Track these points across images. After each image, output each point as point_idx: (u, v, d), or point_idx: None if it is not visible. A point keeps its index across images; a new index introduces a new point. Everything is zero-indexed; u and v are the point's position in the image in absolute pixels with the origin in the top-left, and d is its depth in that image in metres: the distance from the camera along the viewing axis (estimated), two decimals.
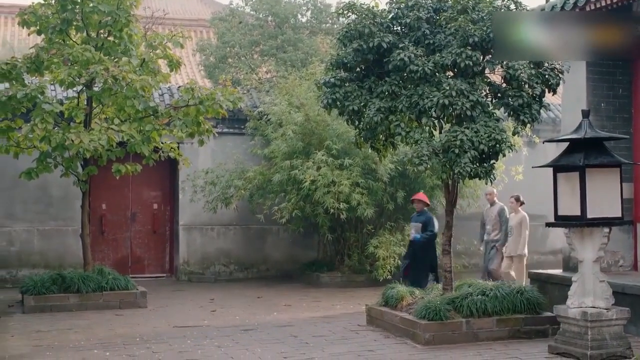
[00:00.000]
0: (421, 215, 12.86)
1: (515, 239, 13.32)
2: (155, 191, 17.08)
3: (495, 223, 13.53)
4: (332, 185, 14.16)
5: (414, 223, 12.86)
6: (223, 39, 18.73)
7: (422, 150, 9.19)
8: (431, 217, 12.92)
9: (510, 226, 13.35)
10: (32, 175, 12.50)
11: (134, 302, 12.52)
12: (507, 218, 13.42)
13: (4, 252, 15.57)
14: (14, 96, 11.88)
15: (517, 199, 13.64)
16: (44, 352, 9.07)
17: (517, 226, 13.32)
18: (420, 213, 12.91)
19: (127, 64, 12.14)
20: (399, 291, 10.44)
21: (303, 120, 14.86)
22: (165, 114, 12.69)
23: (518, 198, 13.67)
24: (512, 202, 13.66)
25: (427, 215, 12.86)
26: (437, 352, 8.84)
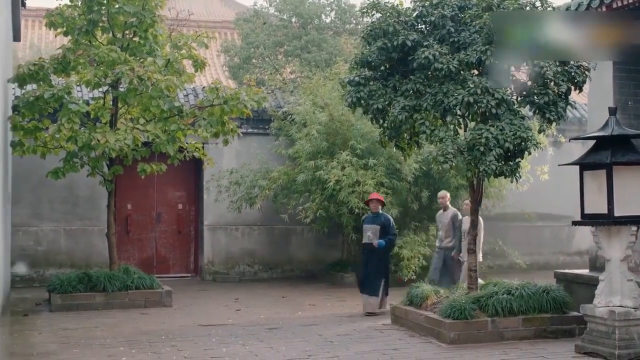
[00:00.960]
0: (378, 217, 11.92)
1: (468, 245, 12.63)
2: (180, 191, 17.16)
3: (449, 229, 12.75)
4: (356, 185, 14.14)
5: (370, 225, 11.85)
6: (247, 40, 18.79)
7: (447, 149, 9.15)
8: (390, 219, 12.08)
9: (464, 230, 12.24)
10: (59, 174, 12.62)
11: (159, 301, 12.58)
12: (460, 224, 12.58)
13: (31, 251, 15.72)
14: (41, 96, 12.02)
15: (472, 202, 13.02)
16: (71, 349, 9.14)
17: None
18: (376, 214, 11.94)
19: (152, 64, 12.22)
20: (423, 290, 10.41)
21: (327, 120, 14.86)
22: (190, 114, 12.75)
23: None
24: (466, 204, 12.53)
25: (385, 217, 11.99)
26: (462, 351, 8.80)
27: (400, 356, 8.63)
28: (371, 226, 11.81)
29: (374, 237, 11.72)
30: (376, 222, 11.82)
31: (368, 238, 11.81)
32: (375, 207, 11.98)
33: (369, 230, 11.82)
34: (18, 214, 15.44)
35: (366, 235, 11.86)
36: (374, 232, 11.74)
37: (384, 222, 11.89)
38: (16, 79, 12.39)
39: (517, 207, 17.17)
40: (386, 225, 11.87)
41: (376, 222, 11.82)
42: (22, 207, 15.60)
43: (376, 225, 11.77)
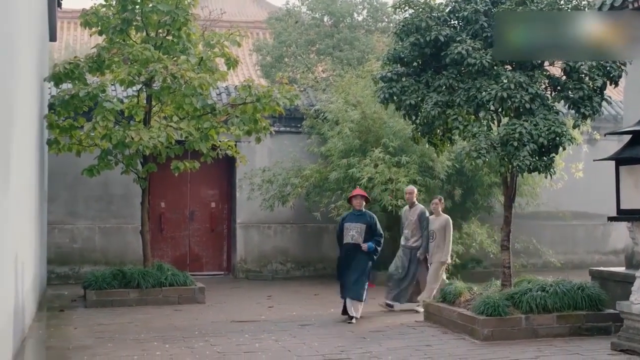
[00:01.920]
0: (362, 215, 10.99)
1: (438, 243, 11.86)
2: (213, 190, 17.25)
3: (415, 228, 11.98)
4: (389, 183, 14.10)
5: (355, 224, 10.90)
6: (280, 39, 18.85)
7: (480, 144, 9.11)
8: (375, 217, 11.18)
9: (432, 230, 11.85)
10: (93, 172, 12.75)
11: (193, 298, 12.66)
12: (427, 223, 11.92)
13: (67, 248, 15.90)
14: (76, 95, 12.16)
15: (441, 200, 12.26)
16: (106, 343, 9.24)
17: (441, 230, 11.83)
18: (360, 212, 11.02)
19: (185, 62, 12.29)
20: (457, 287, 10.37)
21: (359, 118, 14.84)
22: (223, 112, 12.81)
23: (442, 199, 12.40)
24: (435, 203, 12.11)
25: (370, 215, 11.09)
26: (495, 347, 8.75)
27: (433, 352, 8.60)
28: (355, 225, 10.90)
29: (359, 237, 10.86)
30: (360, 220, 10.93)
31: (352, 238, 10.88)
32: (358, 204, 11.03)
33: (352, 229, 10.91)
34: (54, 212, 15.63)
35: (349, 234, 10.91)
36: (358, 232, 10.87)
37: (369, 220, 11.01)
38: (52, 78, 12.54)
39: (551, 206, 17.01)
40: (372, 224, 11.00)
41: (360, 220, 10.93)
42: (58, 205, 15.78)
43: (361, 224, 10.88)
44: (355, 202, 11.08)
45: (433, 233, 11.84)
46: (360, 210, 11.03)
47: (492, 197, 15.48)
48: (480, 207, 15.73)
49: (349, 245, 10.91)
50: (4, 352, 7.24)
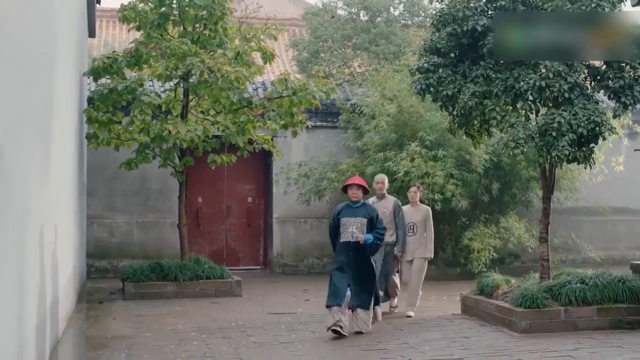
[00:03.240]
0: (362, 207, 9.32)
1: (418, 238, 10.73)
2: (250, 185, 17.30)
3: (390, 222, 10.53)
4: (425, 177, 14.04)
5: (353, 219, 9.22)
6: (316, 34, 18.86)
7: (518, 134, 9.02)
8: (375, 209, 9.56)
9: (411, 223, 10.71)
10: (131, 165, 12.86)
11: (230, 291, 12.72)
12: (402, 216, 10.68)
13: (105, 243, 16.07)
14: (114, 89, 12.28)
15: (419, 189, 11.18)
16: (144, 333, 9.32)
17: (421, 222, 10.75)
18: (357, 204, 9.34)
19: (222, 56, 12.35)
20: (494, 279, 10.28)
21: (396, 112, 14.79)
22: (259, 105, 12.85)
23: (420, 187, 11.38)
24: (413, 192, 10.96)
25: (370, 207, 9.46)
26: (534, 339, 8.65)
27: (471, 344, 8.53)
28: (354, 220, 9.20)
29: (361, 234, 9.15)
30: (359, 214, 9.24)
31: (351, 235, 9.15)
32: (355, 195, 9.32)
33: (351, 225, 9.20)
34: (93, 206, 15.81)
35: (347, 232, 9.19)
36: (359, 228, 9.18)
37: (370, 213, 9.30)
38: (91, 73, 12.67)
39: (590, 201, 16.78)
40: (373, 217, 9.30)
41: (359, 214, 9.24)
42: (97, 200, 15.96)
43: (361, 218, 9.19)
44: (350, 193, 9.37)
45: (413, 226, 10.69)
46: (357, 201, 9.33)
47: (530, 191, 15.32)
48: (518, 202, 15.59)
49: (349, 244, 9.18)
50: (45, 340, 7.34)
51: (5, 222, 5.01)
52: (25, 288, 5.97)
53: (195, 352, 8.19)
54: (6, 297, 5.11)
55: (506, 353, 8.01)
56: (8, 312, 5.20)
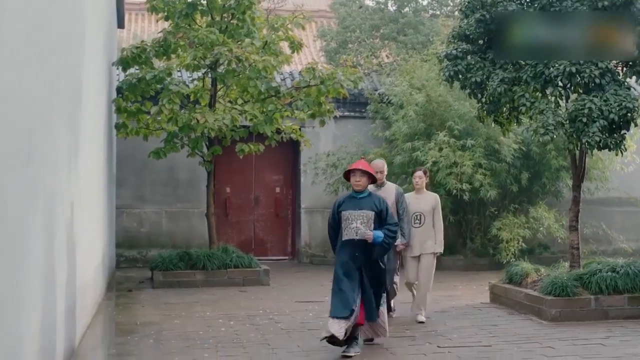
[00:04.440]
0: (368, 199, 7.62)
1: (426, 230, 9.28)
2: (278, 175, 17.32)
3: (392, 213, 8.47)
4: (454, 166, 13.96)
5: (358, 212, 7.50)
6: (344, 24, 18.81)
7: (548, 120, 8.92)
8: (383, 199, 7.82)
9: (418, 213, 9.26)
10: (160, 154, 12.93)
11: (257, 280, 12.74)
12: (406, 205, 9.25)
13: (134, 232, 16.17)
14: (143, 78, 12.35)
15: (425, 174, 9.62)
16: (172, 320, 9.37)
17: (429, 212, 9.28)
18: (361, 193, 7.63)
19: (249, 45, 12.36)
20: (523, 268, 10.20)
21: (424, 101, 14.71)
22: (287, 95, 12.85)
23: (426, 172, 9.72)
24: (419, 177, 9.48)
25: (377, 198, 7.74)
26: (563, 328, 8.58)
27: (499, 331, 8.48)
28: (359, 213, 7.49)
29: (367, 230, 7.45)
30: (365, 206, 7.53)
31: (356, 232, 7.44)
32: (359, 184, 7.60)
33: (355, 220, 7.48)
34: (122, 196, 15.91)
35: (351, 227, 7.47)
36: (364, 223, 7.46)
37: (378, 205, 7.59)
38: (120, 63, 12.74)
39: (622, 191, 16.57)
40: (382, 210, 7.59)
41: (365, 206, 7.53)
42: (126, 190, 16.05)
43: (367, 211, 7.49)
44: (353, 181, 7.63)
45: (419, 216, 9.26)
46: (361, 191, 7.65)
47: (560, 181, 15.17)
48: (547, 192, 15.45)
49: (353, 244, 7.47)
50: (74, 325, 7.41)
51: (34, 204, 5.04)
52: (54, 273, 6.02)
53: (223, 337, 8.22)
54: (35, 281, 5.15)
55: (535, 340, 7.95)
56: (37, 296, 5.24)
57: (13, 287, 4.42)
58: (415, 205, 9.30)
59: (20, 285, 4.68)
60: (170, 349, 7.68)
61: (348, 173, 7.78)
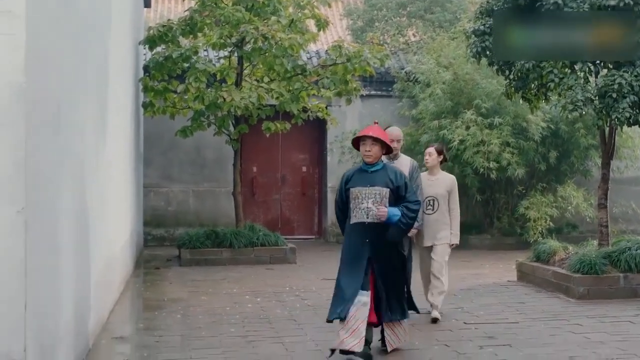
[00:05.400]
0: (380, 172, 6.33)
1: (440, 217, 8.04)
2: (304, 154, 17.32)
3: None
4: (481, 145, 13.87)
5: (369, 189, 6.24)
6: (370, 2, 18.69)
7: (577, 96, 8.80)
8: (402, 173, 6.53)
9: (431, 197, 8.00)
10: (187, 133, 12.96)
11: (284, 258, 12.78)
12: (421, 183, 7.88)
13: (162, 211, 16.27)
14: (169, 57, 12.38)
15: (439, 151, 8.25)
16: (199, 296, 9.44)
17: (444, 197, 8.06)
18: (373, 165, 6.33)
19: (276, 23, 12.32)
20: (551, 246, 10.13)
21: (451, 79, 14.61)
22: (313, 73, 12.81)
23: (441, 150, 8.31)
24: (429, 154, 8.19)
25: (394, 171, 6.43)
26: (591, 305, 8.53)
27: (527, 309, 8.45)
28: (370, 190, 6.25)
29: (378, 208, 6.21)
30: (378, 181, 6.26)
31: (366, 213, 6.23)
32: (370, 154, 6.30)
33: (366, 199, 6.25)
34: (149, 175, 16.00)
35: (360, 208, 6.26)
36: (378, 202, 6.23)
37: (395, 180, 6.32)
38: (146, 41, 12.77)
39: None
40: (400, 186, 6.32)
41: (378, 181, 6.26)
42: (154, 169, 16.14)
43: (381, 188, 6.24)
44: (363, 150, 6.34)
45: (432, 201, 8.01)
46: (374, 163, 6.34)
47: (589, 159, 15.00)
48: (576, 170, 15.29)
49: (364, 227, 6.25)
50: (103, 298, 7.48)
51: (62, 172, 5.09)
52: (82, 244, 6.08)
53: (249, 313, 8.27)
54: (68, 250, 5.21)
55: (563, 318, 7.92)
56: (66, 269, 5.30)
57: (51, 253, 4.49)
58: (427, 189, 7.97)
59: (56, 252, 4.75)
60: (197, 324, 7.74)
61: (357, 141, 6.41)
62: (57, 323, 4.88)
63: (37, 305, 4.24)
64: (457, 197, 8.20)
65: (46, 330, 4.52)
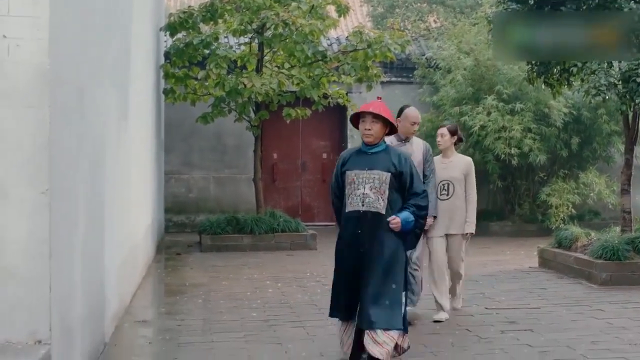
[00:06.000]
0: (381, 154, 5.50)
1: (455, 203, 7.35)
2: (325, 141, 17.31)
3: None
4: (502, 131, 13.80)
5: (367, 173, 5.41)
6: None
7: (600, 81, 8.72)
8: (408, 157, 5.63)
9: (445, 181, 7.31)
10: (207, 119, 12.98)
11: (304, 244, 12.80)
12: (434, 168, 7.14)
13: (183, 198, 16.33)
14: (190, 43, 12.39)
15: (452, 132, 7.51)
16: (220, 281, 9.48)
17: (459, 181, 7.37)
18: (374, 147, 5.51)
19: (296, 9, 12.31)
20: (573, 232, 10.08)
21: (473, 65, 14.54)
22: (334, 59, 12.78)
23: (455, 130, 7.56)
24: (441, 134, 7.49)
25: (397, 154, 5.56)
26: (614, 291, 8.48)
27: (548, 294, 8.42)
28: (369, 174, 5.41)
29: (379, 198, 5.37)
30: (377, 164, 5.43)
31: (363, 200, 5.38)
32: (372, 133, 5.47)
33: (363, 184, 5.40)
34: (170, 162, 16.05)
35: (356, 194, 5.41)
36: (377, 188, 5.38)
37: (398, 165, 5.46)
38: (167, 28, 12.79)
39: None
40: (404, 171, 5.46)
41: (377, 164, 5.43)
42: (175, 155, 16.19)
43: (381, 172, 5.41)
44: (362, 129, 5.50)
45: (447, 185, 7.32)
46: (375, 144, 5.52)
47: (611, 146, 14.86)
48: (598, 157, 15.16)
49: (358, 216, 5.40)
50: (125, 283, 7.54)
51: (84, 156, 5.12)
52: (105, 228, 6.12)
53: (270, 298, 8.30)
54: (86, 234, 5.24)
55: (585, 303, 7.88)
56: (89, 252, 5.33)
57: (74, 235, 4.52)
58: (441, 172, 7.29)
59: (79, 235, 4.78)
60: (218, 308, 7.78)
61: (357, 119, 5.56)
62: (81, 305, 4.92)
63: (61, 286, 4.28)
64: (474, 181, 7.44)
65: (70, 311, 4.57)
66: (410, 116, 7.02)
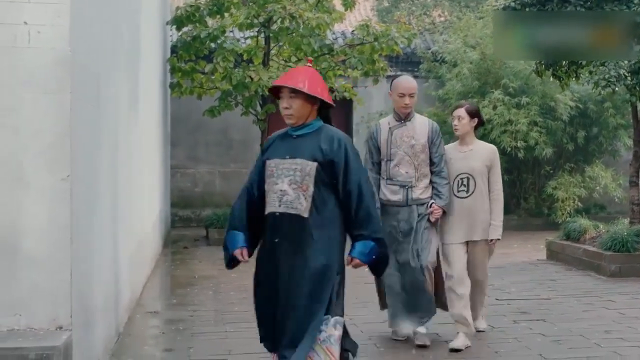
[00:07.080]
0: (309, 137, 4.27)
1: (475, 204, 5.90)
2: None
3: (422, 161, 5.85)
4: (508, 124, 13.80)
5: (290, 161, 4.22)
6: None
7: (609, 72, 8.72)
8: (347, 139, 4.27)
9: (464, 175, 5.91)
10: (214, 112, 12.97)
11: None
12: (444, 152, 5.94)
13: (188, 192, 16.33)
14: (197, 36, 12.37)
15: (472, 113, 5.98)
16: (229, 274, 9.07)
17: (481, 174, 5.93)
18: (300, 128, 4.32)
19: (303, 2, 12.29)
20: (581, 224, 10.09)
21: (479, 59, 14.53)
22: (340, 52, 12.78)
23: (475, 111, 6.05)
24: (459, 117, 5.96)
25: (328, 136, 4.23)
26: (623, 283, 8.50)
27: (558, 286, 8.44)
28: (291, 163, 4.20)
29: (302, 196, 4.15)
30: (302, 151, 4.21)
31: (280, 199, 4.18)
32: (293, 113, 4.28)
33: (281, 177, 4.20)
34: (176, 156, 16.05)
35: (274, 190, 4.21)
36: (298, 183, 4.15)
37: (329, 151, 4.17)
38: (174, 22, 12.78)
39: None
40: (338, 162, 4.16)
41: (302, 151, 4.21)
42: (180, 150, 16.19)
43: (305, 162, 4.17)
44: (282, 107, 4.33)
45: (466, 179, 5.90)
46: (302, 124, 4.32)
47: (617, 140, 14.84)
48: (604, 151, 15.15)
49: (274, 219, 4.24)
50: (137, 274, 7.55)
51: (100, 145, 5.14)
52: (118, 217, 6.13)
53: None
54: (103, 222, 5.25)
55: (595, 294, 7.90)
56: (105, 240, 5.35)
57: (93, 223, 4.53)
58: (458, 163, 5.92)
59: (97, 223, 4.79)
60: (229, 299, 7.80)
61: (277, 92, 4.36)
62: (98, 293, 4.93)
63: (81, 273, 4.29)
64: (500, 173, 6.04)
65: (89, 298, 4.58)
66: (399, 86, 5.77)
